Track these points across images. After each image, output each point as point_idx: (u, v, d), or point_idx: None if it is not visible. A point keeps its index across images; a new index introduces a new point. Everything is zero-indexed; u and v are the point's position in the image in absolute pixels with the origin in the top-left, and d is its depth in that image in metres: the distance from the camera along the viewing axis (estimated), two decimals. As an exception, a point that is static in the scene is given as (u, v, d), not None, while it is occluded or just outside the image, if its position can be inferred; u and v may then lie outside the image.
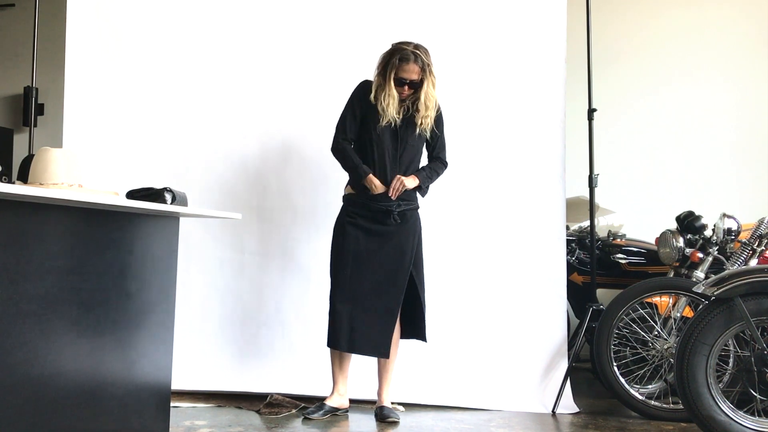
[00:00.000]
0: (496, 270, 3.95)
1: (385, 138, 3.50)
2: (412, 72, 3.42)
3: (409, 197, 3.55)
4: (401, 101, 3.49)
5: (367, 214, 3.52)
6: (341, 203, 3.63)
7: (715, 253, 3.89)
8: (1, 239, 2.12)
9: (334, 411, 3.57)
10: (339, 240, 3.56)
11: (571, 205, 4.35)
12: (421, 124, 3.49)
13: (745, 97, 5.42)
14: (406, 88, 3.45)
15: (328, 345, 3.51)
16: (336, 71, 3.99)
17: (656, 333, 3.74)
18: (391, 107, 3.45)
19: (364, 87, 3.55)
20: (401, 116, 3.50)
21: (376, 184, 3.47)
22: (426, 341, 3.59)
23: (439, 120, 3.61)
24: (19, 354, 2.19)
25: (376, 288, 3.48)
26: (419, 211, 3.61)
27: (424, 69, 3.44)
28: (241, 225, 3.98)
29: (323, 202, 3.97)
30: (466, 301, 3.94)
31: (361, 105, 3.53)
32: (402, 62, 3.42)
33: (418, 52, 3.43)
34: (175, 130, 4.09)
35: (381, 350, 3.48)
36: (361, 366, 3.69)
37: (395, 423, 3.46)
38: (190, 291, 3.92)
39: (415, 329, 3.58)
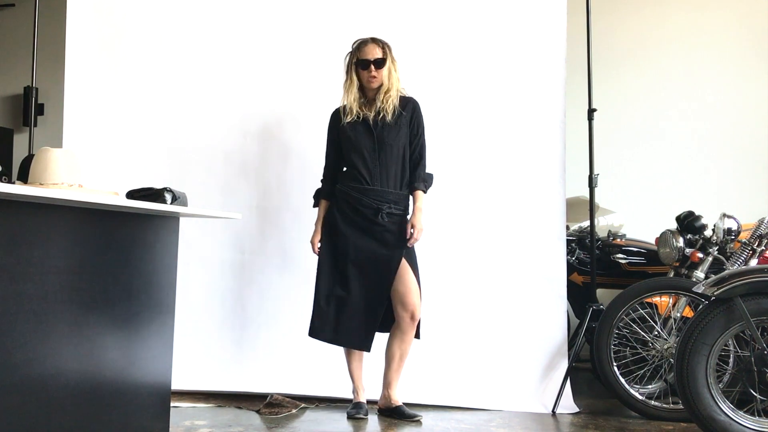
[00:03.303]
0: (496, 270, 3.95)
1: (360, 139, 3.53)
2: (372, 52, 3.52)
3: (398, 201, 3.54)
4: (367, 93, 3.55)
5: (355, 214, 3.52)
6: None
7: (715, 253, 3.89)
8: (1, 239, 2.12)
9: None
10: (330, 237, 3.57)
11: (571, 205, 4.35)
12: (383, 103, 3.50)
13: (745, 97, 5.42)
14: (372, 68, 3.50)
15: (311, 335, 3.54)
16: (336, 72, 3.97)
17: (656, 333, 3.74)
18: (351, 97, 3.53)
19: (333, 114, 3.66)
20: (372, 113, 3.52)
21: (317, 229, 3.63)
22: (418, 338, 3.60)
23: (417, 115, 3.60)
24: (19, 354, 2.19)
25: (363, 286, 3.50)
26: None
27: (385, 48, 3.54)
28: (241, 225, 3.98)
29: (323, 202, 3.97)
30: (466, 301, 3.94)
31: (333, 130, 3.62)
32: (361, 47, 3.55)
33: (374, 37, 3.56)
34: (175, 130, 4.10)
35: (366, 345, 3.51)
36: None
37: (419, 422, 3.46)
38: (190, 291, 3.92)
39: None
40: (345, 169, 3.62)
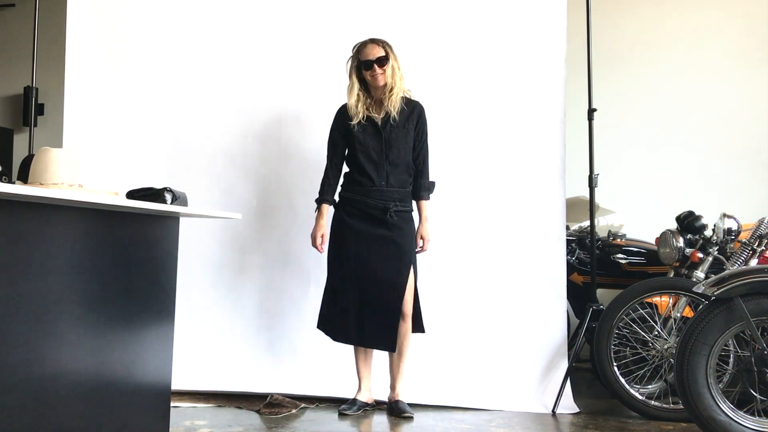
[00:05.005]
0: (496, 270, 3.95)
1: (369, 140, 3.56)
2: (373, 51, 3.54)
3: (404, 199, 3.57)
4: (373, 94, 3.58)
5: (363, 216, 3.54)
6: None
7: (715, 253, 3.89)
8: (1, 239, 2.12)
9: (366, 406, 3.61)
10: (338, 238, 3.58)
11: (571, 205, 4.35)
12: (390, 104, 3.53)
13: (745, 97, 5.42)
14: (376, 67, 3.52)
15: (337, 340, 3.58)
16: (336, 71, 3.98)
17: (656, 333, 3.74)
18: (353, 99, 3.55)
19: (339, 110, 3.66)
20: (381, 115, 3.55)
21: (318, 223, 3.62)
22: (423, 331, 3.65)
23: (422, 121, 3.63)
24: (19, 354, 2.19)
25: (378, 287, 3.50)
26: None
27: (386, 47, 3.56)
28: (241, 225, 3.98)
29: (323, 202, 3.97)
30: (467, 301, 3.94)
31: (339, 127, 3.63)
32: (361, 49, 3.56)
33: (374, 38, 3.58)
34: (175, 130, 4.10)
35: (390, 345, 3.53)
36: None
37: (410, 418, 3.48)
38: (190, 291, 3.92)
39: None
40: (348, 170, 3.63)
